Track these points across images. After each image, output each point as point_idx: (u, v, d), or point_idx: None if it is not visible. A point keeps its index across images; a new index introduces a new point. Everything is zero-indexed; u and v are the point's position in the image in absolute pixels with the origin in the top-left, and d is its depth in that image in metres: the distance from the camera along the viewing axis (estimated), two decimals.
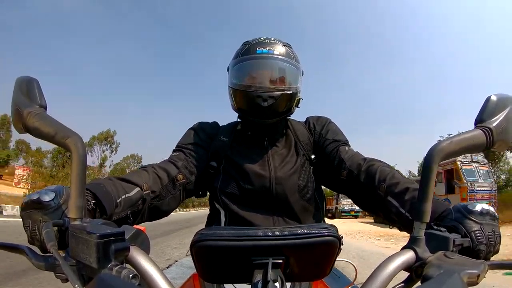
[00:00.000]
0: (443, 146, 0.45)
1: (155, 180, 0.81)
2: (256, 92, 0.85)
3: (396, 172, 0.79)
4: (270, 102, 0.84)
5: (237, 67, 0.91)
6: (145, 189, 0.77)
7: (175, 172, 0.86)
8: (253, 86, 0.86)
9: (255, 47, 0.89)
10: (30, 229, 0.49)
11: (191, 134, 0.97)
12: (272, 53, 0.88)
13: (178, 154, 0.91)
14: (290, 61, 0.90)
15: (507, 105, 0.50)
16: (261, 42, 0.91)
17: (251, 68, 0.89)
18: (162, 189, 0.82)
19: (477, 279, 0.38)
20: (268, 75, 0.88)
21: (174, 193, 0.86)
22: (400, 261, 0.43)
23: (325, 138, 0.96)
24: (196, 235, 0.40)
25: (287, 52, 0.91)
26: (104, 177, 0.75)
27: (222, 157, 0.92)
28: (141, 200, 0.76)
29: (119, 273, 0.36)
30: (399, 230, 0.72)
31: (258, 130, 0.94)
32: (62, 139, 0.45)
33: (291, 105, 0.90)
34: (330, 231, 0.40)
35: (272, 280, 0.37)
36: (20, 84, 0.50)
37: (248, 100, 0.87)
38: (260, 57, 0.88)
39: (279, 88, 0.86)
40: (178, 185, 0.86)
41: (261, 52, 0.88)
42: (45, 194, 0.50)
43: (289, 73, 0.89)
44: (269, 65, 0.88)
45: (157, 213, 0.85)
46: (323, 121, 1.01)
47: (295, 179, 0.88)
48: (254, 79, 0.87)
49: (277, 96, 0.85)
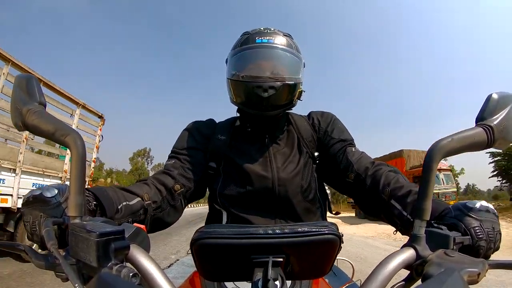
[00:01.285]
0: (444, 144, 0.44)
1: (155, 192, 0.80)
2: (256, 83, 0.81)
3: (401, 177, 0.78)
4: (270, 92, 0.80)
5: (236, 57, 0.88)
6: (146, 199, 0.75)
7: (171, 183, 0.83)
8: (253, 76, 0.82)
9: (254, 37, 0.86)
10: (30, 225, 0.49)
11: (185, 136, 0.93)
12: (273, 43, 0.85)
13: (173, 163, 0.87)
14: (292, 51, 0.87)
15: (508, 104, 0.49)
16: (261, 31, 0.88)
17: (250, 57, 0.86)
18: (163, 200, 0.81)
19: (477, 278, 0.38)
20: (268, 65, 0.84)
21: (174, 203, 0.83)
22: (401, 259, 0.43)
23: (330, 136, 0.92)
24: (196, 233, 0.40)
25: (288, 42, 0.88)
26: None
27: (221, 157, 0.89)
28: (143, 210, 0.75)
29: (119, 272, 0.36)
30: (401, 234, 0.71)
31: (258, 124, 0.91)
32: (61, 136, 0.44)
33: (293, 97, 0.87)
34: (330, 229, 0.40)
35: (273, 278, 0.37)
36: (19, 82, 0.50)
37: (247, 91, 0.83)
38: (260, 47, 0.85)
39: (280, 78, 0.83)
40: (177, 195, 0.83)
41: (260, 41, 0.85)
42: (47, 191, 0.50)
43: (290, 63, 0.86)
44: (269, 55, 0.85)
45: (160, 224, 0.83)
46: (328, 118, 0.96)
47: (298, 180, 0.85)
48: (254, 69, 0.84)
49: (278, 86, 0.81)
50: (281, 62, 0.85)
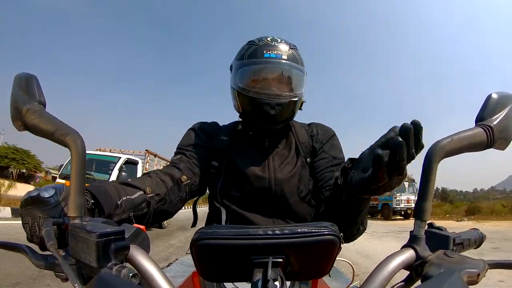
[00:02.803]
0: (444, 144, 0.44)
1: (159, 184, 0.81)
2: (264, 100, 0.84)
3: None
4: (277, 110, 0.84)
5: (244, 70, 0.89)
6: (148, 192, 0.76)
7: (178, 174, 0.85)
8: (262, 94, 0.84)
9: (262, 50, 0.87)
10: (29, 226, 0.48)
11: (191, 135, 0.96)
12: (280, 58, 0.86)
13: (179, 157, 0.91)
14: (297, 66, 0.89)
15: (508, 104, 0.49)
16: (268, 44, 0.88)
17: (259, 73, 0.87)
18: (168, 192, 0.82)
19: (477, 278, 0.38)
20: (276, 81, 0.86)
21: (181, 194, 0.85)
22: (400, 260, 0.43)
23: (323, 149, 0.94)
24: (196, 234, 0.40)
25: (294, 56, 0.89)
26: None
27: (223, 156, 0.92)
28: (145, 204, 0.75)
29: (119, 272, 0.36)
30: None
31: (260, 132, 0.94)
32: (61, 136, 0.44)
33: (296, 109, 0.91)
34: (330, 230, 0.40)
35: (272, 279, 0.37)
36: (19, 81, 0.49)
37: (255, 106, 0.86)
38: (268, 62, 0.86)
39: (287, 96, 0.86)
40: (184, 186, 0.86)
41: (268, 56, 0.86)
42: (45, 191, 0.50)
43: (296, 79, 0.88)
44: (277, 71, 0.87)
45: (164, 215, 0.84)
46: (327, 132, 0.99)
47: (295, 181, 0.88)
48: (262, 85, 0.86)
49: (285, 103, 0.85)
50: (288, 79, 0.88)
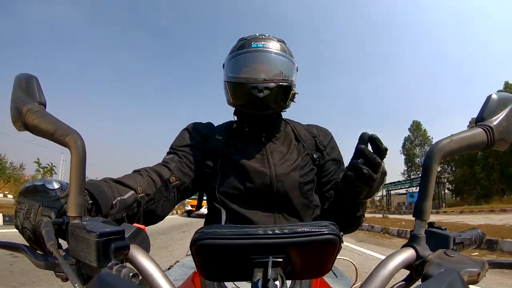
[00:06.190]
0: (443, 144, 0.45)
1: (149, 183, 0.81)
2: (252, 84, 0.86)
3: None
4: (265, 93, 0.86)
5: (233, 61, 0.94)
6: (139, 192, 0.76)
7: (167, 175, 0.85)
8: (249, 78, 0.88)
9: (250, 42, 0.93)
10: (24, 212, 0.47)
11: (184, 135, 0.96)
12: (267, 47, 0.92)
13: (171, 157, 0.91)
14: (285, 55, 0.93)
15: (508, 104, 0.50)
16: (257, 37, 0.94)
17: (246, 61, 0.92)
18: (156, 192, 0.82)
19: (477, 278, 0.38)
20: (263, 67, 0.90)
21: (167, 195, 0.85)
22: (401, 259, 0.43)
23: (325, 151, 0.98)
24: (196, 234, 0.40)
25: (282, 47, 0.95)
26: (99, 179, 0.75)
27: (218, 156, 0.92)
28: (136, 204, 0.76)
29: (119, 272, 0.36)
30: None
31: (255, 124, 0.95)
32: (61, 136, 0.44)
33: (287, 98, 0.92)
34: (330, 229, 0.40)
35: (273, 278, 0.37)
36: (19, 81, 0.49)
37: (244, 92, 0.88)
38: (256, 51, 0.91)
39: (274, 80, 0.88)
40: (171, 187, 0.85)
41: (256, 46, 0.92)
42: (49, 183, 0.50)
43: (283, 66, 0.92)
44: (264, 58, 0.91)
45: (153, 217, 0.84)
46: (328, 135, 1.03)
47: (296, 176, 0.88)
48: (250, 71, 0.90)
49: (273, 87, 0.87)
50: (275, 65, 0.91)
